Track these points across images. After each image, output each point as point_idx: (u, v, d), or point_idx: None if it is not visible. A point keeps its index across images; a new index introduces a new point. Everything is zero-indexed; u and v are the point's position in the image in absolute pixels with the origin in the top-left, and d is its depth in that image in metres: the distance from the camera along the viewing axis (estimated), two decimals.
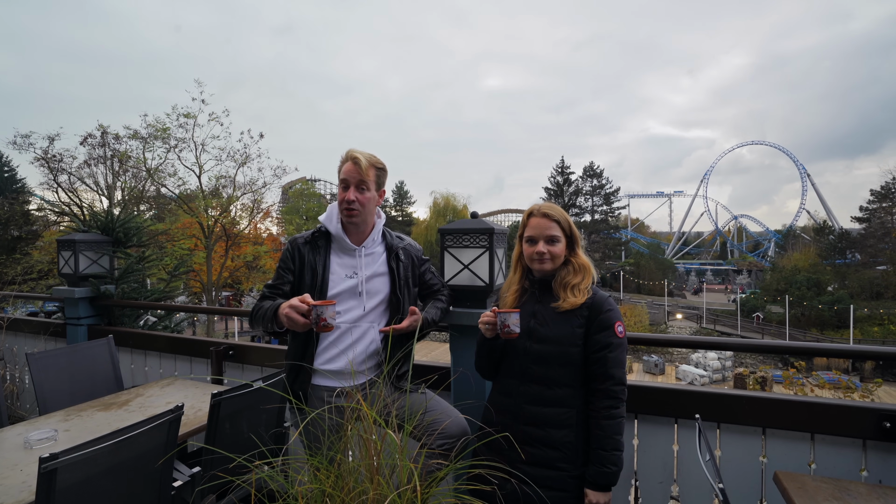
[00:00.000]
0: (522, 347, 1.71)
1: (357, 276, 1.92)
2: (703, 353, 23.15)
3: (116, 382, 3.07)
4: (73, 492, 1.49)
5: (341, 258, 1.93)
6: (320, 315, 1.63)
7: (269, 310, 1.77)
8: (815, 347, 2.15)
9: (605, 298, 1.69)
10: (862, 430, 1.77)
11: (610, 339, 1.62)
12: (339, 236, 1.92)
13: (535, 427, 1.65)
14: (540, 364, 1.67)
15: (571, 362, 1.64)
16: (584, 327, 1.65)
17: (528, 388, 1.69)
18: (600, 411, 1.59)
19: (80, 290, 3.88)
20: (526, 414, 1.67)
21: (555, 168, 51.75)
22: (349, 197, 1.86)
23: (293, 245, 1.94)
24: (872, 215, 43.94)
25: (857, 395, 12.80)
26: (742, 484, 1.91)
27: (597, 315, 1.64)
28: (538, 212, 1.76)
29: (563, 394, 1.64)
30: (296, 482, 1.26)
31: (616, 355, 1.61)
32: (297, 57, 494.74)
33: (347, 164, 1.88)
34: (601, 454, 1.55)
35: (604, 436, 1.56)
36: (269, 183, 21.98)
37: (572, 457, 1.61)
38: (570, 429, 1.62)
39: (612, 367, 1.60)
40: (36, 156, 18.72)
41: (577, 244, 1.76)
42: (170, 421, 1.80)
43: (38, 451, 1.93)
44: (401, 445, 1.26)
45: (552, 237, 1.72)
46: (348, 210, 1.87)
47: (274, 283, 1.93)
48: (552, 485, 1.60)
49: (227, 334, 27.10)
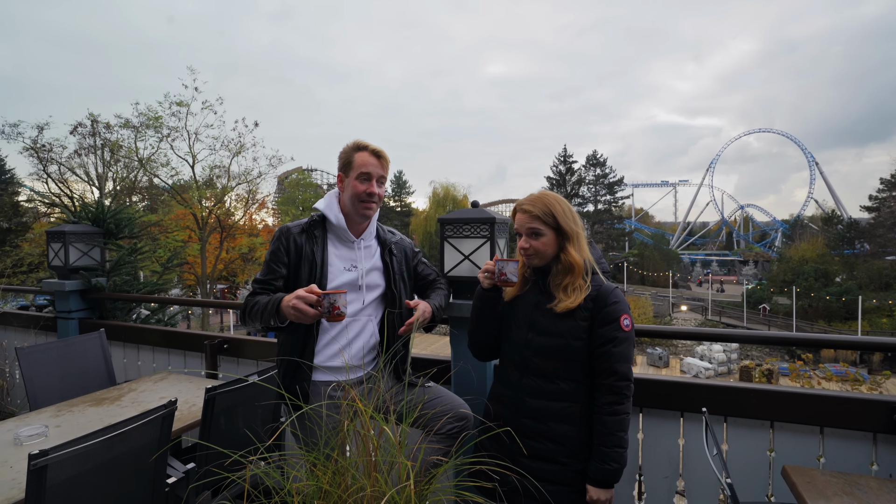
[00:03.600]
0: (524, 339, 1.68)
1: (357, 268, 1.86)
2: (709, 346, 23.21)
3: (108, 377, 3.04)
4: (65, 489, 1.46)
5: (339, 249, 1.87)
6: (333, 303, 1.58)
7: (271, 304, 1.69)
8: (823, 339, 2.12)
9: (611, 290, 1.62)
10: (872, 424, 1.75)
11: (615, 334, 1.56)
12: (341, 227, 1.85)
13: (537, 421, 1.62)
14: (541, 357, 1.64)
15: (575, 356, 1.60)
16: (589, 320, 1.59)
17: (530, 380, 1.65)
18: (603, 407, 1.55)
19: (70, 282, 3.82)
20: (527, 407, 1.64)
21: (557, 157, 51.23)
22: (372, 190, 1.81)
23: (286, 235, 1.84)
24: (882, 204, 43.28)
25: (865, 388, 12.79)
26: (750, 478, 1.90)
27: (602, 308, 1.59)
28: (519, 207, 1.71)
29: (566, 388, 1.60)
30: (292, 478, 1.23)
31: (621, 350, 1.56)
32: (293, 43, 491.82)
33: (365, 155, 1.82)
34: (603, 451, 1.52)
35: (607, 432, 1.53)
36: (265, 173, 21.94)
37: (575, 451, 1.58)
38: (572, 423, 1.59)
39: (616, 363, 1.55)
40: (25, 145, 18.55)
41: (570, 239, 1.65)
42: (163, 416, 1.78)
43: (28, 447, 1.90)
44: (397, 440, 1.23)
45: (533, 231, 1.66)
46: (368, 203, 1.82)
47: (264, 278, 1.82)
48: (553, 479, 1.58)
49: (223, 328, 27.02)
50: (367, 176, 1.81)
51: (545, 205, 1.66)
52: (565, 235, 1.65)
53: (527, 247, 1.67)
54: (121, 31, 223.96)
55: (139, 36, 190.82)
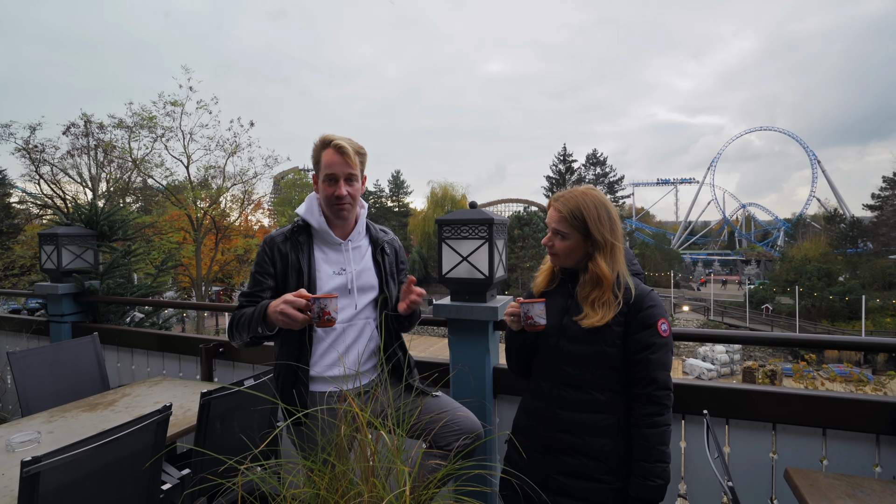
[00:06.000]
0: (555, 347, 1.57)
1: (346, 272, 1.78)
2: (711, 347, 22.99)
3: (102, 382, 3.01)
4: (58, 496, 1.45)
5: (326, 254, 1.78)
6: (324, 308, 1.50)
7: (257, 311, 1.61)
8: (826, 340, 2.11)
9: (647, 293, 1.51)
10: (876, 425, 1.74)
11: (652, 339, 1.46)
12: (324, 230, 1.75)
13: (571, 434, 1.52)
14: (573, 365, 1.53)
15: (609, 364, 1.49)
16: (624, 325, 1.49)
17: (562, 391, 1.54)
18: (642, 419, 1.45)
19: (63, 285, 3.78)
20: (560, 420, 1.54)
21: (557, 156, 51.02)
22: (340, 192, 1.69)
23: (271, 245, 1.75)
24: (885, 203, 43.22)
25: (869, 389, 12.61)
26: (752, 481, 1.88)
27: (637, 312, 1.48)
28: (553, 200, 1.61)
29: (602, 398, 1.50)
30: (288, 484, 1.21)
31: (659, 356, 1.46)
32: (291, 42, 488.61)
33: (330, 153, 1.69)
34: (644, 466, 1.42)
35: (646, 446, 1.43)
36: (261, 173, 21.84)
37: (613, 468, 1.47)
38: (609, 437, 1.48)
39: (654, 370, 1.45)
40: (17, 146, 18.40)
41: (600, 248, 1.52)
42: (158, 422, 1.76)
43: (20, 453, 1.89)
44: (394, 446, 1.21)
45: (557, 231, 1.58)
46: (340, 206, 1.72)
47: (251, 291, 1.74)
48: (591, 497, 1.47)
49: (218, 331, 26.88)
50: (333, 177, 1.70)
51: (578, 206, 1.54)
52: (595, 244, 1.53)
53: (549, 244, 1.60)
54: (115, 29, 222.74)
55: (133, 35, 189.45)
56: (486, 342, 2.20)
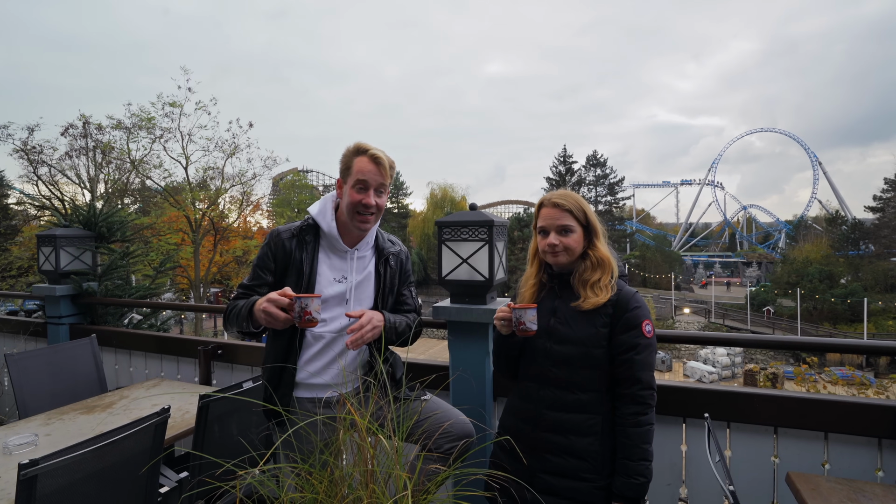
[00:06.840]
0: (542, 348, 1.61)
1: (346, 280, 1.75)
2: (712, 349, 23.01)
3: (100, 384, 3.00)
4: (55, 499, 1.45)
5: (330, 259, 1.74)
6: (305, 308, 1.47)
7: (245, 307, 1.61)
8: (828, 343, 2.12)
9: (632, 295, 1.57)
10: (878, 429, 1.74)
11: (637, 340, 1.51)
12: (332, 236, 1.72)
13: (557, 434, 1.55)
14: (561, 366, 1.57)
15: (595, 365, 1.54)
16: (609, 326, 1.54)
17: (549, 392, 1.59)
18: (626, 418, 1.49)
19: (61, 287, 3.76)
20: (546, 420, 1.58)
21: (557, 157, 50.07)
22: (368, 201, 1.66)
23: (276, 240, 1.72)
24: (887, 204, 42.78)
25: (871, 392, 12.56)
26: (753, 485, 1.88)
27: (622, 313, 1.53)
28: (548, 201, 1.66)
29: (587, 399, 1.54)
30: (286, 487, 1.20)
31: (644, 357, 1.51)
32: (290, 43, 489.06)
33: (364, 161, 1.67)
34: (628, 464, 1.46)
35: (631, 444, 1.47)
36: (259, 174, 21.91)
37: (598, 466, 1.51)
38: (595, 436, 1.52)
39: (639, 370, 1.50)
40: (15, 147, 18.39)
41: (597, 235, 1.64)
42: (156, 424, 1.75)
43: (17, 456, 1.88)
44: (394, 452, 1.20)
45: (564, 227, 1.61)
46: (365, 216, 1.68)
47: (249, 284, 1.72)
48: (576, 496, 1.50)
49: (216, 332, 26.81)
50: (364, 185, 1.67)
51: (576, 200, 1.64)
52: (593, 231, 1.64)
53: (556, 243, 1.61)
54: (113, 31, 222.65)
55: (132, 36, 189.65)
56: (487, 344, 2.19)
